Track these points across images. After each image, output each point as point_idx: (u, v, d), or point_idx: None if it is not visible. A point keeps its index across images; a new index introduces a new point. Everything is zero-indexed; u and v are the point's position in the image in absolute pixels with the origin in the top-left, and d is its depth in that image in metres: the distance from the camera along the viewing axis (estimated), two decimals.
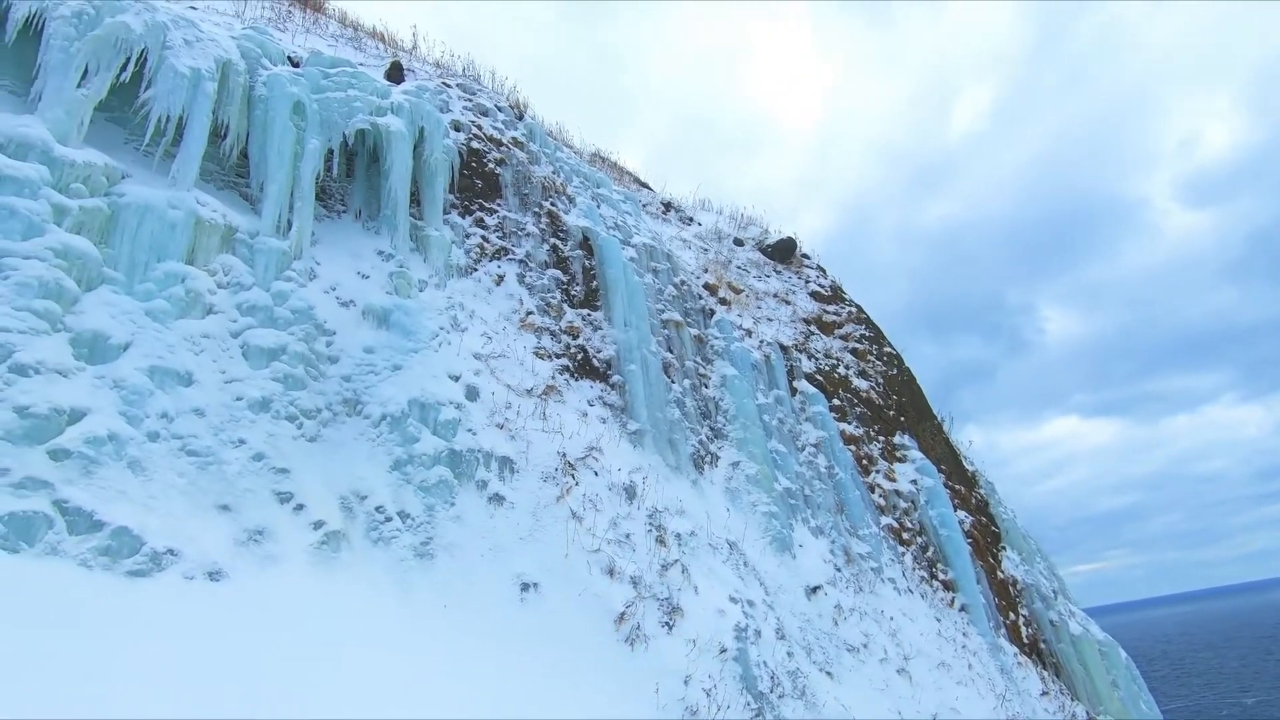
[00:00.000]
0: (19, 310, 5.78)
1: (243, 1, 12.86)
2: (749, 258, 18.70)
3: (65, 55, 6.97)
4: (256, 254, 7.85)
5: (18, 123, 6.51)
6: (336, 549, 6.62)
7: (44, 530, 5.07)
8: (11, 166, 6.22)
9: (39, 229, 6.19)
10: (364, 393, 7.90)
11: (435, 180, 10.17)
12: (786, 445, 12.95)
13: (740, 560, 9.65)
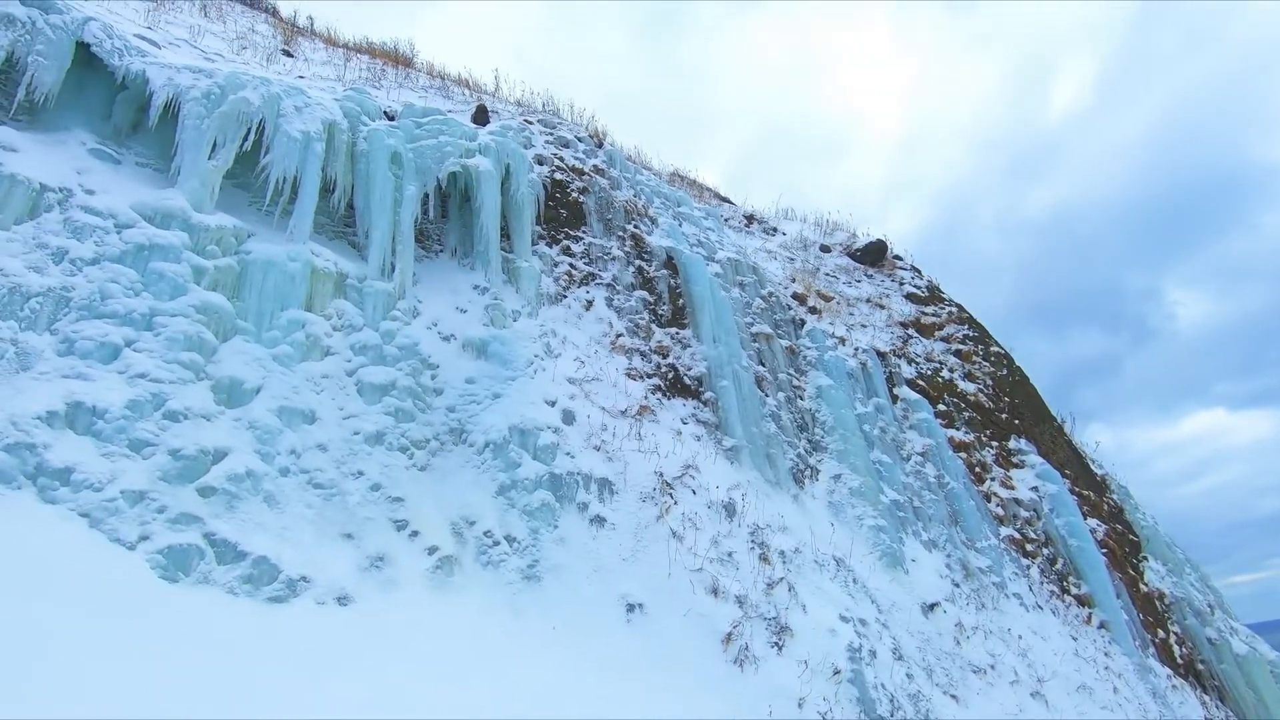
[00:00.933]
0: (169, 362, 6.46)
1: (343, 65, 13.94)
2: (837, 264, 18.23)
3: (197, 132, 7.79)
4: (365, 297, 8.41)
5: (162, 196, 7.32)
6: (450, 573, 6.90)
7: (197, 561, 5.59)
8: (159, 235, 6.99)
9: (183, 289, 6.91)
10: (468, 421, 8.25)
11: (523, 214, 10.58)
12: (891, 455, 12.42)
13: (849, 577, 9.30)
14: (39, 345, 6.00)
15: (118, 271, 6.64)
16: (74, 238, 6.64)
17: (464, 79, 16.37)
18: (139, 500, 5.62)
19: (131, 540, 5.43)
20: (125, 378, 6.19)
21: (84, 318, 6.30)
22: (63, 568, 4.97)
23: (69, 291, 6.36)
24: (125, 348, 6.34)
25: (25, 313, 6.08)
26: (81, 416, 5.78)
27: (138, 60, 8.00)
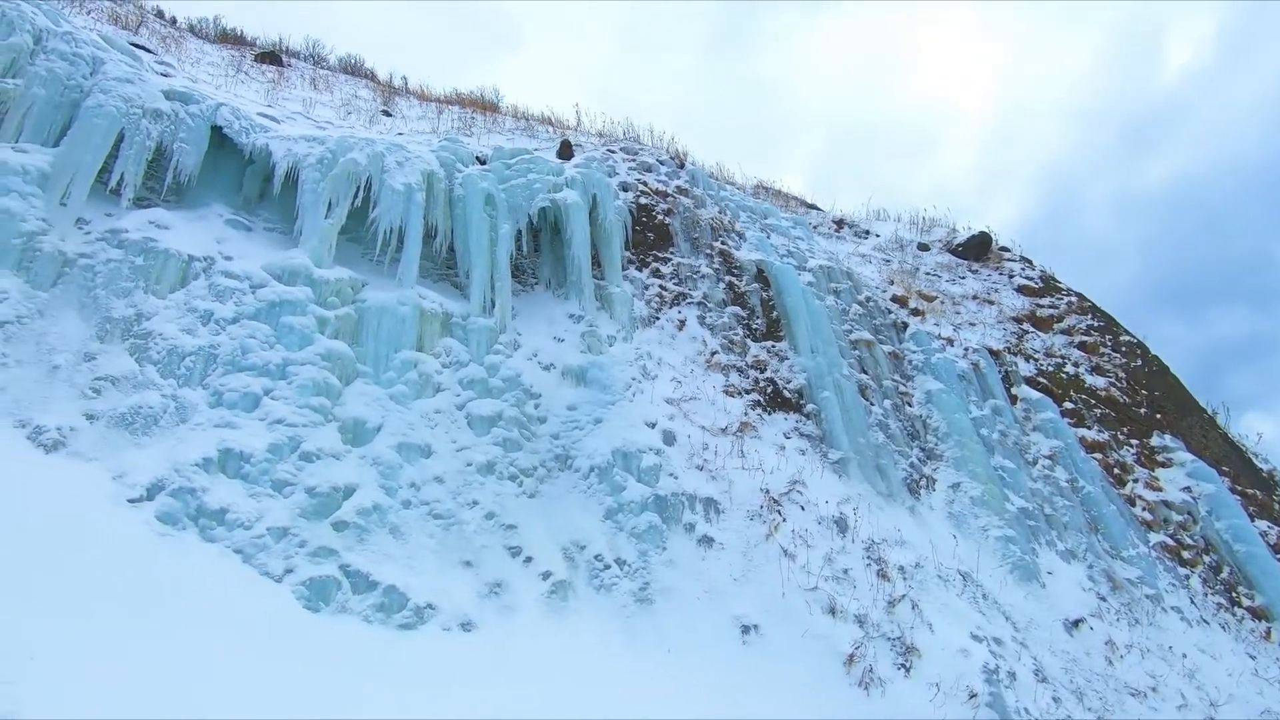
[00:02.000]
0: (301, 408, 7.03)
1: (436, 118, 14.86)
2: (938, 262, 17.40)
3: (314, 195, 8.51)
4: (470, 333, 8.84)
5: (288, 256, 8.03)
6: (565, 598, 7.04)
7: (335, 591, 6.00)
8: (287, 292, 7.67)
9: (309, 339, 7.52)
10: (571, 448, 8.44)
11: (611, 241, 10.80)
12: (1014, 460, 11.62)
13: (977, 593, 8.73)
14: (194, 399, 6.69)
15: (254, 327, 7.32)
16: (217, 300, 7.39)
17: (547, 118, 17.02)
18: (283, 536, 6.12)
19: (278, 573, 5.90)
20: (266, 424, 6.79)
21: (229, 371, 6.97)
22: (223, 599, 5.47)
23: (215, 349, 7.07)
24: (264, 396, 6.96)
25: (181, 370, 6.81)
26: (231, 461, 6.38)
27: (261, 136, 8.86)
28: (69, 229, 7.26)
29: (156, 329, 6.95)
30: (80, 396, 6.33)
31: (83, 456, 5.98)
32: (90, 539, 5.35)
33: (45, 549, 4.98)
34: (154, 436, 6.32)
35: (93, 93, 7.83)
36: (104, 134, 7.66)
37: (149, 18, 15.26)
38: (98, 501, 5.72)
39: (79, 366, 6.51)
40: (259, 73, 14.40)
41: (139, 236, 7.44)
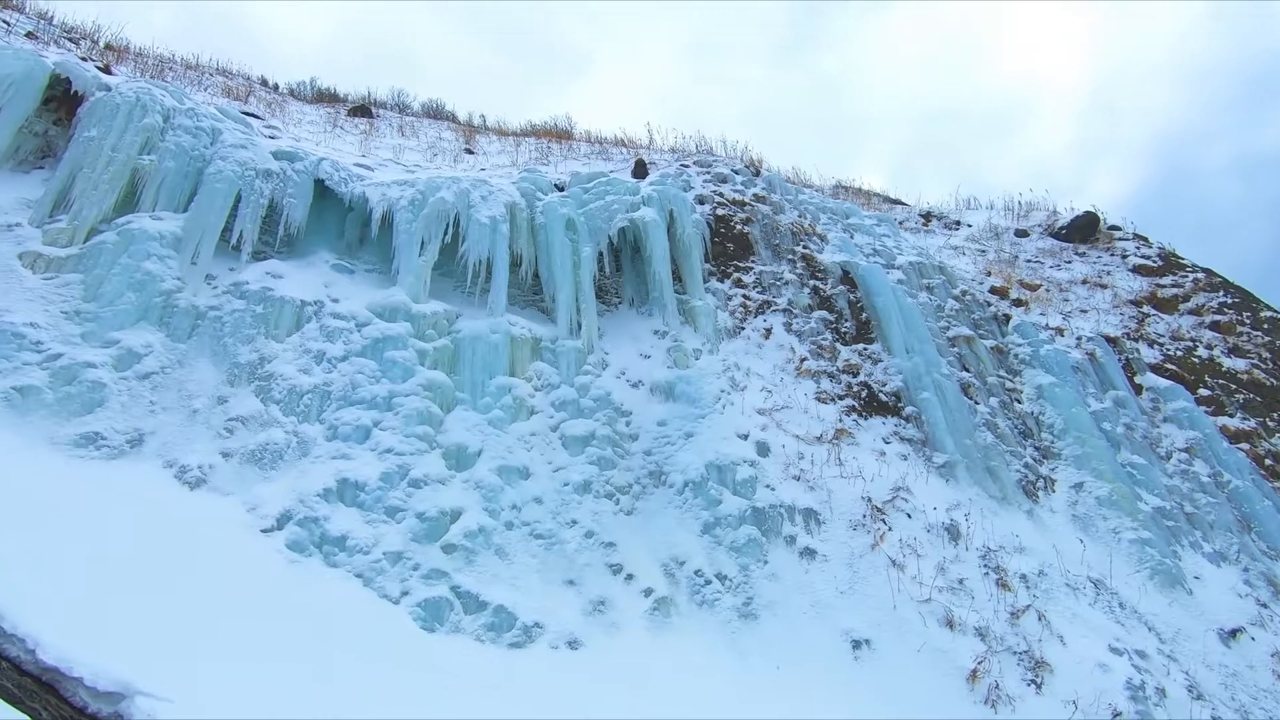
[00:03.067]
0: (408, 437, 7.40)
1: (515, 151, 15.43)
2: (1039, 247, 16.36)
3: (408, 235, 9.01)
4: (559, 356, 9.06)
5: (387, 294, 8.52)
6: (667, 614, 7.03)
7: (448, 612, 6.25)
8: (389, 328, 8.13)
9: (411, 371, 7.93)
10: (664, 463, 8.46)
11: (691, 254, 10.82)
12: (1144, 455, 10.68)
13: (1112, 601, 8.05)
14: (313, 434, 7.18)
15: (362, 364, 7.80)
16: (328, 340, 7.93)
17: (620, 139, 17.32)
18: (398, 560, 6.44)
19: (395, 595, 6.21)
20: (376, 454, 7.19)
21: (342, 406, 7.45)
22: (346, 620, 5.81)
23: (329, 386, 7.57)
24: (374, 428, 7.38)
25: (300, 408, 7.34)
26: (348, 491, 6.79)
27: (358, 185, 9.48)
28: (200, 285, 8.01)
29: (277, 370, 7.52)
30: (216, 436, 6.93)
31: (221, 491, 6.54)
32: (230, 566, 5.82)
33: (193, 575, 5.45)
34: (280, 470, 6.82)
35: (213, 160, 8.64)
36: (224, 196, 8.43)
37: (255, 86, 16.71)
38: (235, 532, 6.22)
39: (214, 409, 7.14)
40: (352, 126, 15.45)
41: (258, 287, 8.11)
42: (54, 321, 6.97)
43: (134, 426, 6.66)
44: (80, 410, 6.50)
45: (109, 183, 7.99)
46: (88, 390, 6.60)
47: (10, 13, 13.81)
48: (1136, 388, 11.99)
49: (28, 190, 8.01)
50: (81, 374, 6.65)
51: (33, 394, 6.37)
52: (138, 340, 7.17)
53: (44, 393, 6.43)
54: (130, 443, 6.55)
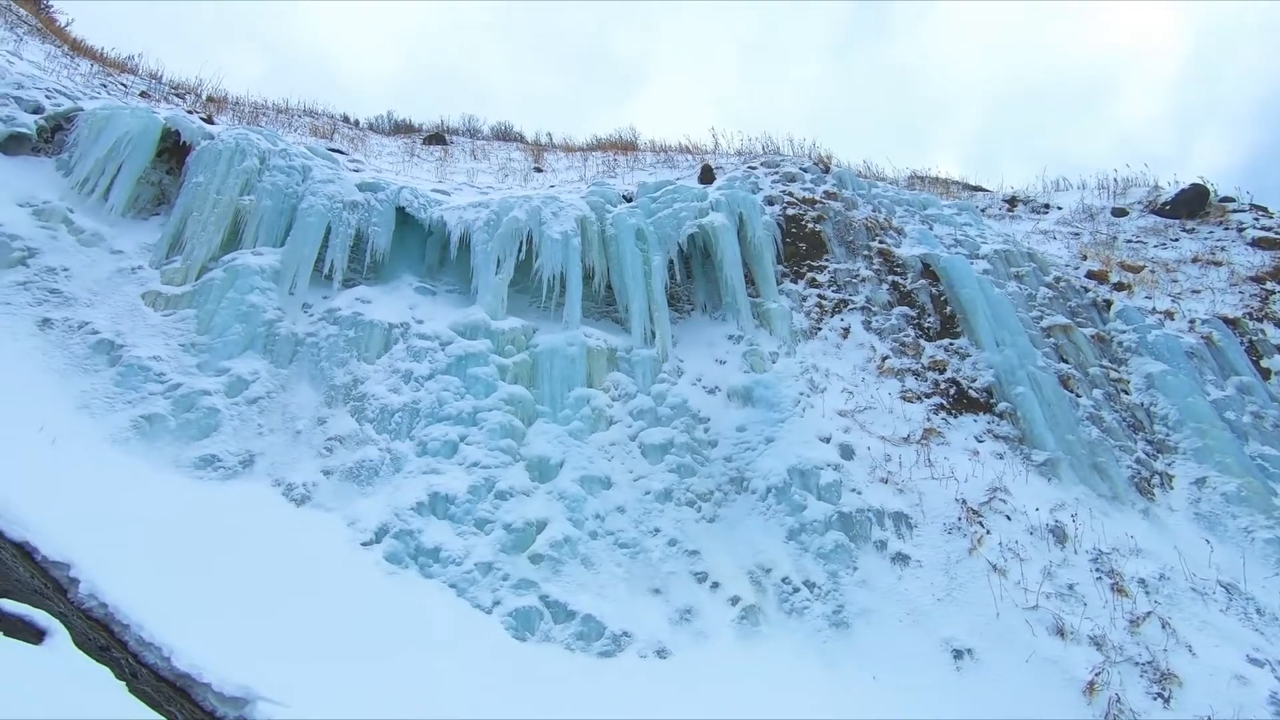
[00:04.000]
0: (492, 450, 7.62)
1: (582, 166, 15.71)
2: (1140, 226, 15.25)
3: (485, 255, 9.31)
4: (634, 365, 9.12)
5: (468, 313, 8.82)
6: (756, 623, 6.92)
7: (538, 621, 6.37)
8: (470, 346, 8.42)
9: (493, 386, 8.17)
10: (745, 469, 8.35)
11: (763, 257, 10.69)
12: (1276, 445, 9.73)
13: (1248, 607, 7.35)
14: (404, 450, 7.51)
15: (447, 381, 8.10)
16: (414, 360, 8.28)
17: (685, 146, 17.34)
18: (489, 570, 6.63)
19: (488, 605, 6.39)
20: (464, 468, 7.44)
21: (430, 423, 7.75)
22: (442, 629, 6.02)
23: (417, 404, 7.90)
24: (460, 443, 7.64)
25: (392, 425, 7.68)
26: (439, 504, 7.05)
27: (436, 210, 9.89)
28: (297, 313, 8.54)
29: (369, 391, 7.91)
30: (317, 455, 7.35)
31: (324, 507, 6.92)
32: (335, 578, 6.15)
33: (302, 587, 5.79)
34: (376, 486, 7.16)
35: (305, 196, 9.21)
36: (316, 229, 8.96)
37: (338, 124, 17.73)
38: (338, 546, 6.57)
39: (314, 430, 7.57)
40: (428, 153, 16.14)
41: (349, 312, 8.57)
42: (173, 354, 7.58)
43: (245, 448, 7.15)
44: (199, 435, 7.04)
45: (215, 223, 8.65)
46: (204, 416, 7.14)
47: (126, 75, 15.22)
48: (1264, 372, 10.95)
49: (146, 235, 8.77)
50: (198, 401, 7.21)
51: (158, 421, 6.95)
52: (245, 368, 7.71)
53: (168, 420, 7.00)
54: (242, 463, 7.04)
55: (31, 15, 15.91)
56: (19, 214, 8.13)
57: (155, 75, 16.24)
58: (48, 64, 12.97)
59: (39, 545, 4.99)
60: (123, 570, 4.99)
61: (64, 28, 16.82)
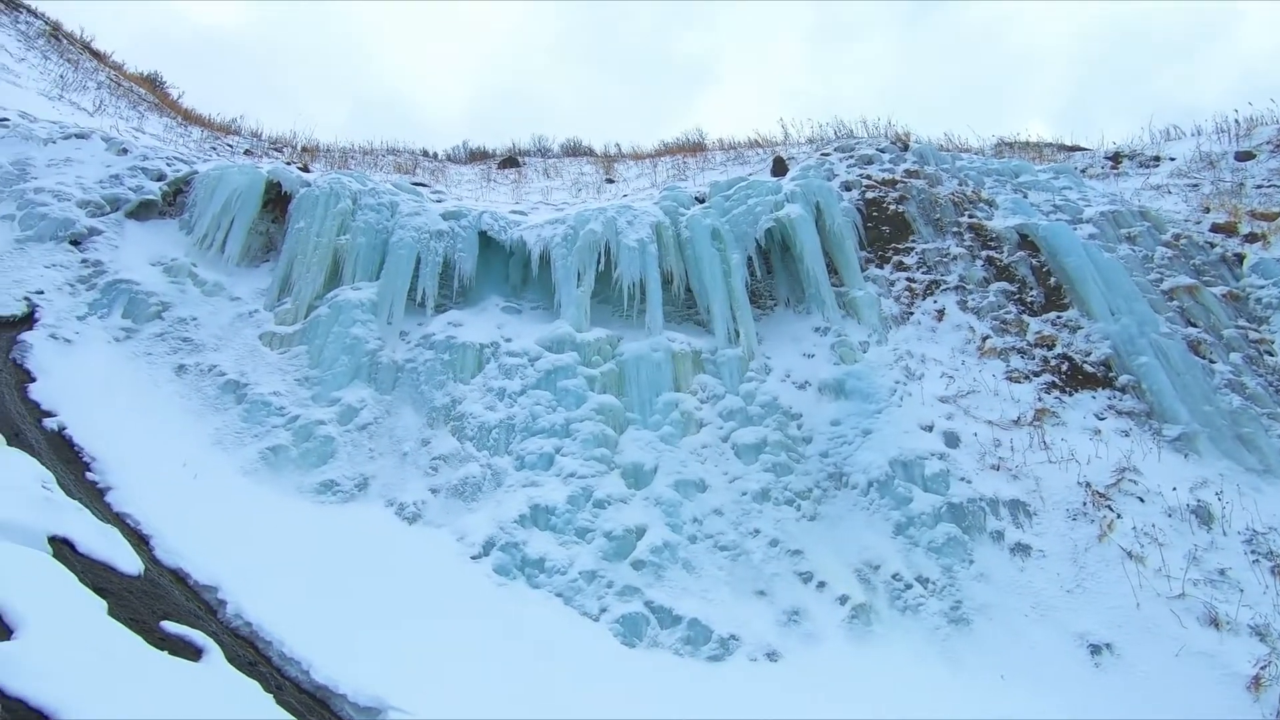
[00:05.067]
0: (587, 460, 7.75)
1: (653, 172, 15.80)
2: (1271, 169, 13.74)
3: (565, 270, 9.52)
4: (720, 366, 9.05)
5: (553, 328, 9.04)
6: (868, 622, 6.69)
7: (644, 627, 6.42)
8: (558, 359, 8.62)
9: (583, 398, 8.33)
10: (843, 464, 8.11)
11: (844, 245, 10.38)
12: None
13: None
14: (503, 465, 7.76)
15: (539, 395, 8.32)
16: (506, 378, 8.55)
17: (754, 141, 17.12)
18: (593, 578, 6.73)
19: (595, 612, 6.49)
20: (561, 479, 7.61)
21: (526, 437, 7.98)
22: (554, 638, 6.16)
23: (512, 419, 8.15)
24: (556, 455, 7.82)
25: (490, 442, 7.96)
26: (540, 515, 7.24)
27: (516, 230, 10.20)
28: (396, 341, 9.01)
29: (467, 410, 8.24)
30: (424, 475, 7.72)
31: (434, 524, 7.25)
32: (449, 591, 6.42)
33: (420, 601, 6.08)
34: (480, 501, 7.44)
35: (395, 230, 9.73)
36: (407, 261, 9.44)
37: (419, 158, 18.63)
38: (449, 560, 6.86)
39: (419, 451, 7.96)
40: (503, 177, 16.69)
41: (443, 336, 8.96)
42: (290, 388, 8.17)
43: (359, 472, 7.60)
44: (318, 462, 7.54)
45: (318, 264, 9.27)
46: (321, 444, 7.65)
47: (232, 137, 16.60)
48: None
49: (259, 281, 9.51)
50: (315, 431, 7.73)
51: (282, 452, 7.50)
52: (354, 396, 8.20)
53: (290, 450, 7.54)
54: (358, 486, 7.48)
55: (149, 93, 17.66)
56: (152, 273, 9.01)
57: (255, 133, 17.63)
58: (166, 134, 14.34)
59: (190, 571, 5.49)
60: (262, 591, 5.41)
61: (176, 100, 18.56)
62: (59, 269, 8.63)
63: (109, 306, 8.45)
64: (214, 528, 6.03)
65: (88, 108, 13.79)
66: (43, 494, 4.81)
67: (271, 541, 6.27)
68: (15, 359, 7.32)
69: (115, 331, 8.26)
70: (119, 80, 17.00)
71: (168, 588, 5.12)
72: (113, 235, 9.32)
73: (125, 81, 17.28)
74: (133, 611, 4.14)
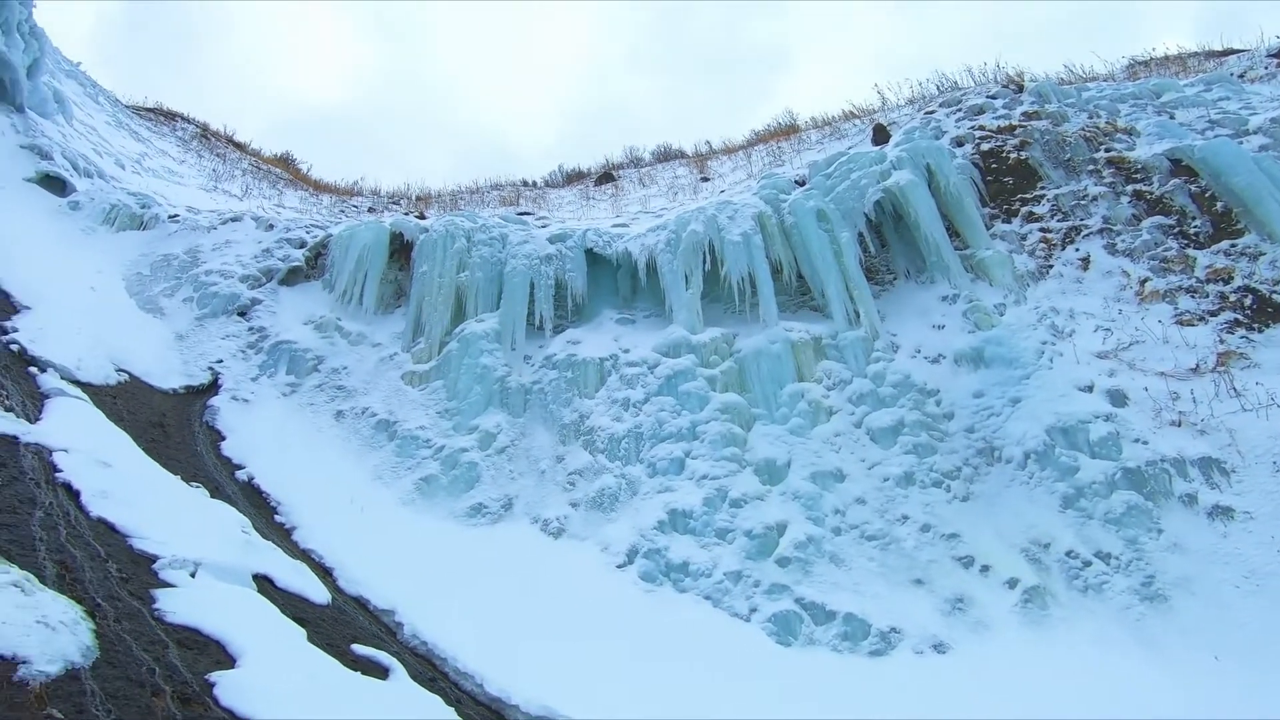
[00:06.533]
0: (718, 461, 7.72)
1: (747, 163, 15.56)
2: None
3: (673, 274, 9.56)
4: (843, 350, 8.72)
5: (667, 333, 9.10)
6: (1044, 606, 6.17)
7: (798, 624, 6.27)
8: (676, 364, 8.65)
9: (705, 399, 8.31)
10: (993, 437, 7.55)
11: (963, 204, 9.70)
12: None
13: None
14: (636, 473, 7.89)
15: (662, 402, 8.39)
16: (628, 388, 8.70)
17: (849, 113, 16.42)
18: (738, 579, 6.68)
19: (745, 613, 6.42)
20: (694, 481, 7.62)
21: (654, 443, 8.07)
22: (707, 641, 6.16)
23: (639, 428, 8.27)
24: (686, 458, 7.84)
25: (621, 452, 8.12)
26: (678, 520, 7.28)
27: (619, 243, 10.38)
28: (521, 365, 9.43)
29: (595, 424, 8.46)
30: (563, 490, 8.00)
31: (577, 537, 7.49)
32: (599, 601, 6.59)
33: (573, 611, 6.29)
34: (618, 511, 7.60)
35: (508, 260, 10.21)
36: (522, 288, 9.87)
37: (520, 188, 19.46)
38: (596, 571, 7.05)
39: (555, 468, 8.26)
40: (600, 193, 17.06)
41: (563, 355, 9.26)
42: (433, 421, 8.76)
43: (503, 493, 8.00)
44: (465, 487, 8.02)
45: (443, 302, 9.90)
46: (466, 470, 8.13)
47: (356, 198, 18.14)
48: None
49: (394, 325, 10.29)
50: (460, 458, 8.22)
51: (433, 481, 8.05)
52: (490, 422, 8.65)
53: (440, 478, 8.07)
54: (503, 507, 7.87)
55: (284, 171, 19.69)
56: (305, 331, 10.00)
57: (375, 191, 19.16)
58: (301, 205, 15.91)
59: (370, 597, 6.00)
60: (432, 612, 5.81)
61: (306, 173, 20.56)
62: (232, 338, 9.77)
63: (275, 366, 9.45)
64: (384, 556, 6.56)
65: (237, 193, 15.58)
66: (243, 538, 5.45)
67: (435, 565, 6.73)
68: (208, 421, 8.36)
69: (282, 387, 9.22)
70: (258, 165, 19.08)
71: (352, 614, 5.63)
72: (270, 302, 10.43)
73: (263, 165, 19.37)
74: (327, 637, 4.59)
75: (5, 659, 2.68)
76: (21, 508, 4.18)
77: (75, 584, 3.59)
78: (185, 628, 3.65)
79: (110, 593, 3.70)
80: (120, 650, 3.19)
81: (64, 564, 3.75)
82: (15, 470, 4.63)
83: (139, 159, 14.93)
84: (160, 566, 4.26)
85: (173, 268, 10.82)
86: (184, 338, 9.68)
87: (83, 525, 4.38)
